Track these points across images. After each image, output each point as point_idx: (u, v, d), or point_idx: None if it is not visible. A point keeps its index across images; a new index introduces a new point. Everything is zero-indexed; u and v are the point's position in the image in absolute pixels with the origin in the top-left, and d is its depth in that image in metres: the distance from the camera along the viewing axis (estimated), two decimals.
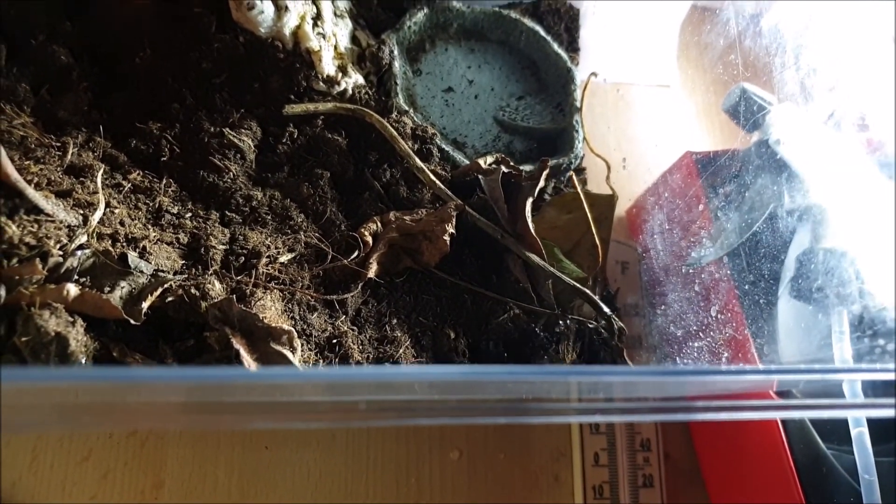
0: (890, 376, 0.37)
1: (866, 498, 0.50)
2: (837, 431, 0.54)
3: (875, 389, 0.48)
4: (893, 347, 0.50)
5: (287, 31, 0.56)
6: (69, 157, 0.50)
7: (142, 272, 0.46)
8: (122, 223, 0.48)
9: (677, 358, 0.51)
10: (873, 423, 0.51)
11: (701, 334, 0.50)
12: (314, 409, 0.39)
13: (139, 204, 0.50)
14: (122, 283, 0.45)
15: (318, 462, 0.58)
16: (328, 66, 0.57)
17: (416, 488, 0.59)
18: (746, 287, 0.54)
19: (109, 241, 0.46)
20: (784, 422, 0.55)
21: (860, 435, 0.51)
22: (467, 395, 0.42)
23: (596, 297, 0.52)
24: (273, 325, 0.44)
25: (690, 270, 0.54)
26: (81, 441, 0.54)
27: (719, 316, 0.50)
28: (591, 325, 0.54)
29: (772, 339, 0.55)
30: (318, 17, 0.57)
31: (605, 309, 0.52)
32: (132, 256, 0.46)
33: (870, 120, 0.49)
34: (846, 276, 0.55)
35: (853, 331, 0.53)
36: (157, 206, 0.51)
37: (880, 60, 0.44)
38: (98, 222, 0.47)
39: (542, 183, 0.55)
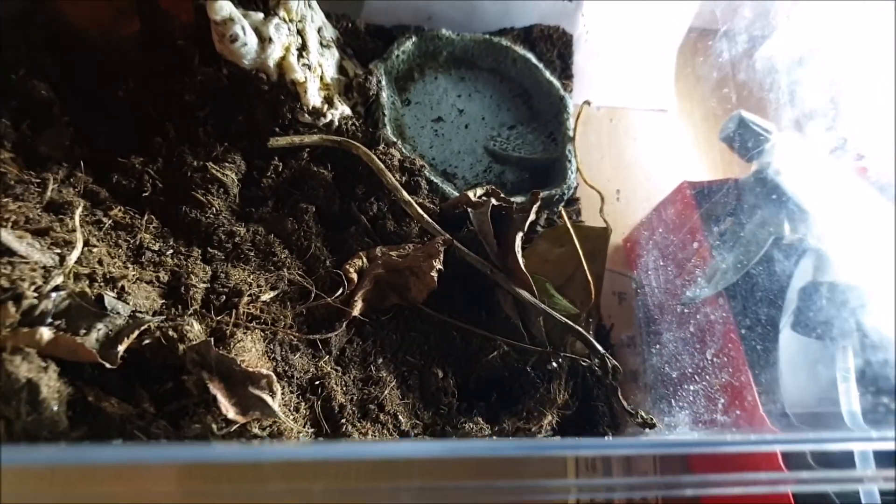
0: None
1: None
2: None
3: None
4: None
5: (271, 62, 0.55)
6: (49, 193, 0.49)
7: (118, 313, 0.44)
8: (100, 262, 0.47)
9: (672, 400, 0.50)
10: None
11: (697, 377, 0.49)
12: None
13: (119, 241, 0.49)
14: (99, 326, 0.44)
15: None
16: (314, 98, 0.56)
17: None
18: (747, 327, 0.52)
19: (87, 282, 0.45)
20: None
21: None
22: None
23: (589, 335, 0.51)
24: (251, 369, 0.43)
25: (687, 308, 0.52)
26: None
27: (716, 359, 0.49)
28: (584, 363, 0.52)
29: (774, 381, 0.54)
30: (303, 48, 0.56)
31: (599, 347, 0.51)
32: (109, 298, 0.44)
33: (868, 154, 0.48)
34: (850, 310, 0.53)
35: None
36: (137, 242, 0.50)
37: (879, 93, 0.43)
38: (75, 262, 0.46)
39: (532, 216, 0.54)
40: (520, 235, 0.53)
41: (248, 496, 0.35)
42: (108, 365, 0.42)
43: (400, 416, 0.48)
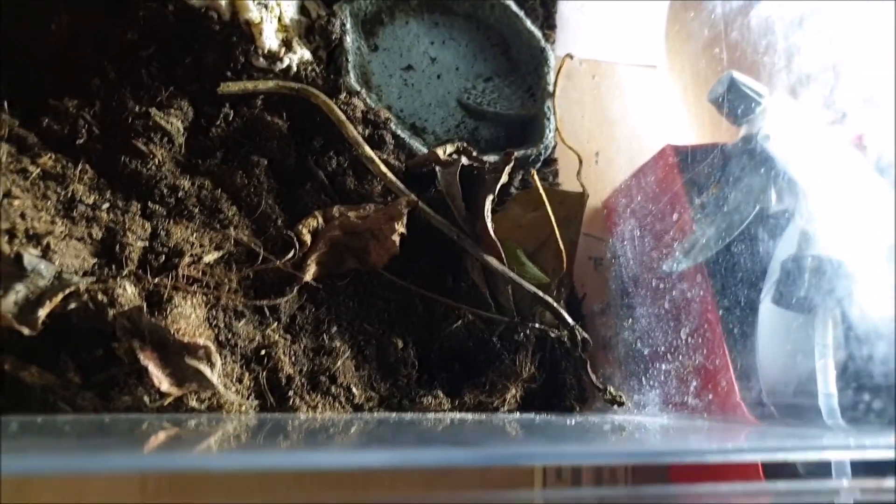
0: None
1: None
2: None
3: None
4: (880, 405, 0.46)
5: None
6: None
7: (41, 274, 0.40)
8: (23, 216, 0.42)
9: (643, 378, 0.47)
10: None
11: (670, 356, 0.46)
12: None
13: (48, 193, 0.45)
14: (19, 287, 0.39)
15: None
16: (270, 40, 0.51)
17: None
18: (726, 307, 0.49)
19: (5, 238, 0.41)
20: None
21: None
22: None
23: (558, 306, 0.47)
24: (187, 339, 0.39)
25: (663, 283, 0.49)
26: None
27: (691, 339, 0.45)
28: (553, 334, 0.49)
29: (751, 366, 0.51)
30: None
31: (568, 319, 0.47)
32: (29, 256, 0.40)
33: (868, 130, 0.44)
34: (834, 286, 0.50)
35: (837, 379, 0.48)
36: (68, 195, 0.45)
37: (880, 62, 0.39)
38: None
39: (505, 178, 0.50)
40: (490, 198, 0.49)
41: None
42: (26, 331, 0.38)
43: (353, 389, 0.45)
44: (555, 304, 0.47)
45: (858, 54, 0.42)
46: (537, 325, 0.49)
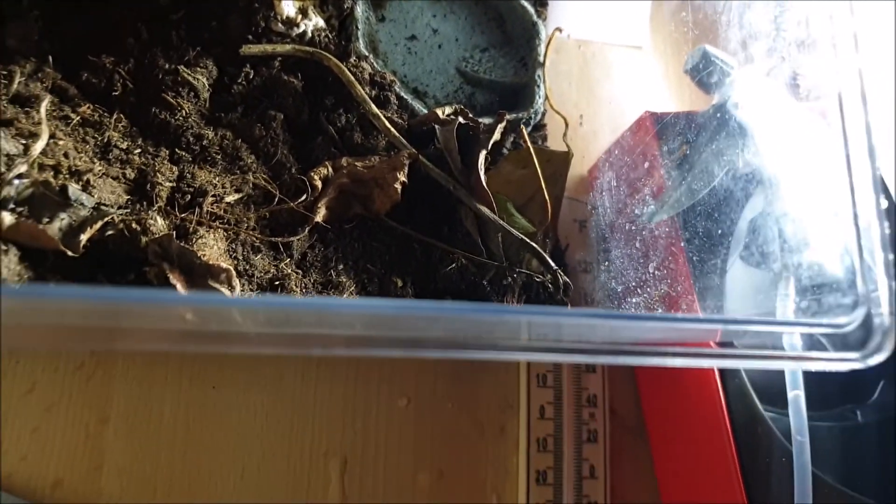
0: (823, 330, 0.38)
1: (797, 458, 0.51)
2: (777, 396, 0.55)
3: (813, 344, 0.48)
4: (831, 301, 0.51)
5: None
6: (15, 86, 0.49)
7: (83, 205, 0.45)
8: (66, 155, 0.47)
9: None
10: (816, 389, 0.52)
11: (640, 289, 0.51)
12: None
13: (87, 137, 0.50)
14: (62, 215, 0.45)
15: (264, 404, 0.58)
16: (288, 7, 0.56)
17: (362, 433, 0.60)
18: (694, 247, 0.54)
19: (52, 172, 0.46)
20: (724, 383, 0.55)
21: (796, 398, 0.52)
22: (409, 332, 0.42)
23: (543, 252, 0.52)
24: (211, 262, 0.44)
25: (640, 226, 0.54)
26: (26, 373, 0.55)
27: (658, 272, 0.50)
28: (538, 280, 0.54)
29: (718, 300, 0.56)
30: None
31: (552, 263, 0.52)
32: (73, 189, 0.45)
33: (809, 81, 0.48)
34: (795, 242, 0.55)
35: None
36: (105, 140, 0.50)
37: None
38: (41, 153, 0.46)
39: (497, 136, 0.55)
40: (483, 153, 0.54)
41: None
42: (70, 253, 0.44)
43: (353, 298, 0.50)
44: (539, 250, 0.52)
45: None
46: (524, 271, 0.54)
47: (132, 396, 0.57)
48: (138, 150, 0.50)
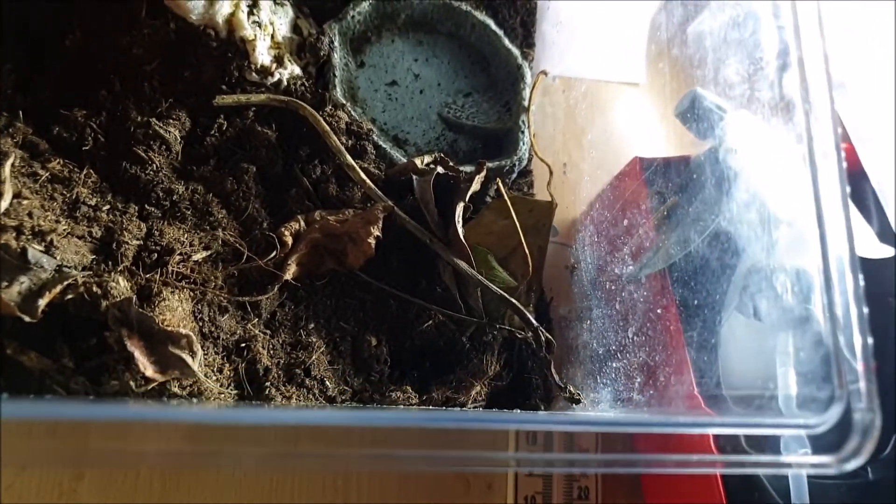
0: (793, 432, 0.35)
1: None
2: None
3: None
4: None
5: (220, 18, 0.54)
6: None
7: (43, 267, 0.44)
8: (30, 215, 0.46)
9: (597, 377, 0.49)
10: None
11: (621, 354, 0.48)
12: None
13: (55, 194, 0.49)
14: (22, 279, 0.44)
15: None
16: (262, 56, 0.55)
17: (343, 488, 0.58)
18: (686, 303, 0.51)
19: (13, 234, 0.45)
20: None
21: None
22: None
23: (523, 308, 0.50)
24: (171, 328, 0.43)
25: (627, 285, 0.52)
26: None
27: (640, 337, 0.48)
28: (519, 336, 0.52)
29: (713, 364, 0.53)
30: (254, 5, 0.55)
31: (532, 320, 0.50)
32: (33, 251, 0.44)
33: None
34: (795, 296, 0.52)
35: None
36: (73, 196, 0.49)
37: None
38: (3, 213, 0.45)
39: (476, 186, 0.53)
40: (461, 205, 0.52)
41: None
42: (27, 318, 0.42)
43: (327, 382, 0.48)
44: (519, 306, 0.50)
45: (769, 57, 0.44)
46: (505, 327, 0.52)
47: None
48: (107, 207, 0.49)
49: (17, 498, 0.54)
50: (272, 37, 0.56)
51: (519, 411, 0.51)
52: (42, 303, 0.43)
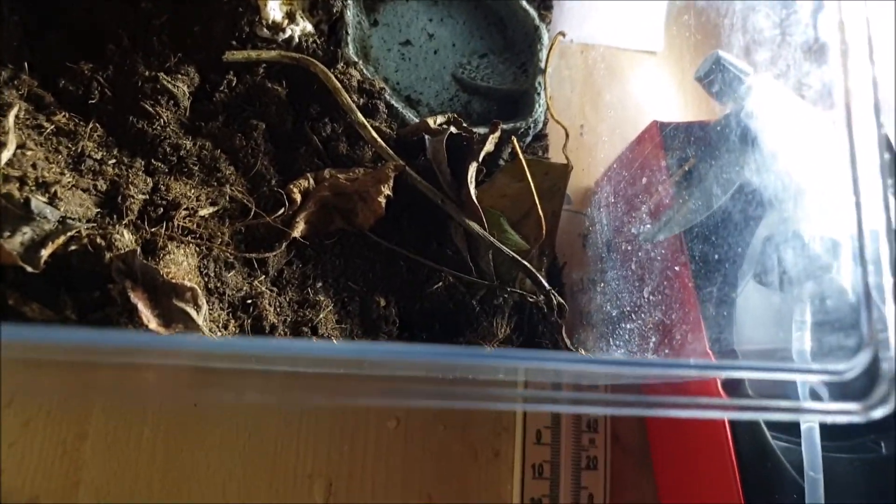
0: (819, 377, 0.34)
1: (809, 497, 0.47)
2: (789, 424, 0.51)
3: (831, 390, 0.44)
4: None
5: None
6: None
7: (46, 218, 0.44)
8: (34, 166, 0.45)
9: (610, 339, 0.48)
10: None
11: (636, 315, 0.47)
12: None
13: (60, 147, 0.48)
14: (25, 229, 0.43)
15: (247, 424, 0.56)
16: (274, 12, 0.54)
17: (349, 455, 0.57)
18: (701, 268, 0.50)
19: (17, 184, 0.44)
20: None
21: (810, 430, 0.48)
22: (394, 371, 0.40)
23: (535, 271, 0.49)
24: (175, 280, 0.42)
25: (647, 246, 0.50)
26: (4, 386, 0.53)
27: (657, 296, 0.47)
28: (531, 300, 0.51)
29: (727, 327, 0.52)
30: None
31: (545, 283, 0.49)
32: (37, 201, 0.43)
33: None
34: (813, 263, 0.51)
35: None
36: (79, 150, 0.48)
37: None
38: (6, 164, 0.45)
39: (490, 147, 0.52)
40: (474, 166, 0.51)
41: None
42: (29, 268, 0.42)
43: (335, 341, 0.47)
44: (532, 269, 0.49)
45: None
46: (516, 291, 0.51)
47: (111, 413, 0.55)
48: (112, 161, 0.48)
49: (19, 456, 0.53)
50: None
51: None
52: (45, 253, 0.42)
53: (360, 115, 0.52)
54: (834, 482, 0.49)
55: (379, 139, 0.51)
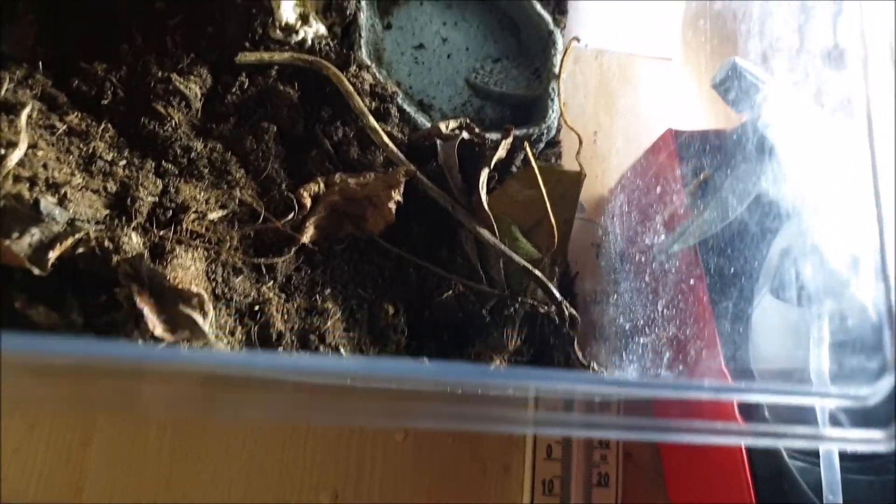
0: (839, 402, 0.33)
1: None
2: None
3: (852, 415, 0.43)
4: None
5: None
6: (2, 92, 0.48)
7: (55, 220, 0.43)
8: (45, 166, 0.45)
9: (623, 353, 0.47)
10: None
11: (649, 329, 0.46)
12: None
13: (71, 148, 0.48)
14: (34, 230, 0.42)
15: (253, 431, 0.56)
16: (287, 13, 0.53)
17: (356, 467, 0.57)
18: (717, 281, 0.49)
19: (26, 185, 0.44)
20: None
21: (829, 453, 0.47)
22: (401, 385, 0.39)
23: (547, 281, 0.48)
24: (182, 286, 0.42)
25: (661, 258, 0.49)
26: (4, 396, 0.53)
27: (671, 310, 0.46)
28: (542, 311, 0.50)
29: (744, 342, 0.51)
30: None
31: (556, 294, 0.48)
32: (46, 203, 0.43)
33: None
34: (832, 278, 0.50)
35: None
36: (90, 151, 0.48)
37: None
38: (17, 164, 0.44)
39: (502, 153, 0.51)
40: (486, 172, 0.50)
41: None
42: (36, 271, 0.41)
43: (342, 350, 0.47)
44: (543, 279, 0.48)
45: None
46: (528, 300, 0.50)
47: (116, 419, 0.55)
48: (123, 162, 0.48)
49: (23, 461, 0.53)
50: None
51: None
52: (52, 255, 0.42)
53: (371, 119, 0.51)
54: None
55: (390, 144, 0.51)
